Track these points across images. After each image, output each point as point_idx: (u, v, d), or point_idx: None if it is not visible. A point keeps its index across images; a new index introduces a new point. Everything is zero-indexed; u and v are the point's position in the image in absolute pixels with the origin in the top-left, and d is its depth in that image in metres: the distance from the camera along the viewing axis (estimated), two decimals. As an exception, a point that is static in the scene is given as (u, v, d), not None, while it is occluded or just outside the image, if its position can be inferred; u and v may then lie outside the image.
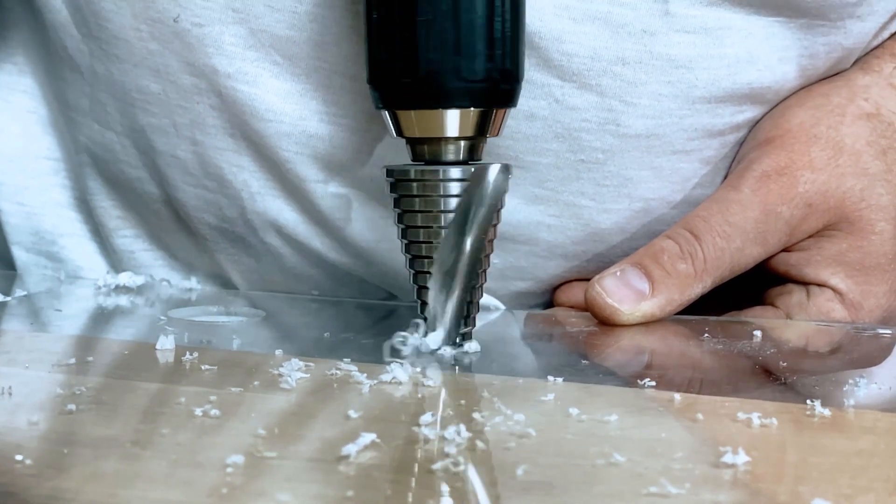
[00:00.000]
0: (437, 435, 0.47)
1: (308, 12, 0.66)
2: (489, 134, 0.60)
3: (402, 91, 0.59)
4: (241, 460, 0.44)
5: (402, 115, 0.60)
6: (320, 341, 0.63)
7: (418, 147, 0.60)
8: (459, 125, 0.59)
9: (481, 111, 0.59)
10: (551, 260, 0.72)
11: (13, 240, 0.82)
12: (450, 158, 0.60)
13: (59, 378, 0.55)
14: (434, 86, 0.58)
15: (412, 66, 0.58)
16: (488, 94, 0.59)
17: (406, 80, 0.58)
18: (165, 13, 0.68)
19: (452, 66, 0.58)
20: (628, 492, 0.42)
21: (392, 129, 0.60)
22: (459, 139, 0.59)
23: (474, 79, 0.58)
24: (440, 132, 0.59)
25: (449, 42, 0.57)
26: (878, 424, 0.50)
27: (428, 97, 0.59)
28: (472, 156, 0.60)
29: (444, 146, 0.59)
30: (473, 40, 0.57)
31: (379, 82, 0.59)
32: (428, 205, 0.59)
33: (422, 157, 0.60)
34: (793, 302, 0.70)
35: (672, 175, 0.71)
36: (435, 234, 0.59)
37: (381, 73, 0.59)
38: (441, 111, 0.59)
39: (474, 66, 0.58)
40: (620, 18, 0.66)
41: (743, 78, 0.68)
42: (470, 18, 0.57)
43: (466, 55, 0.58)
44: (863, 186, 0.70)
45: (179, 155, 0.72)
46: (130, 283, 0.77)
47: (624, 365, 0.62)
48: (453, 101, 0.58)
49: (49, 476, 0.43)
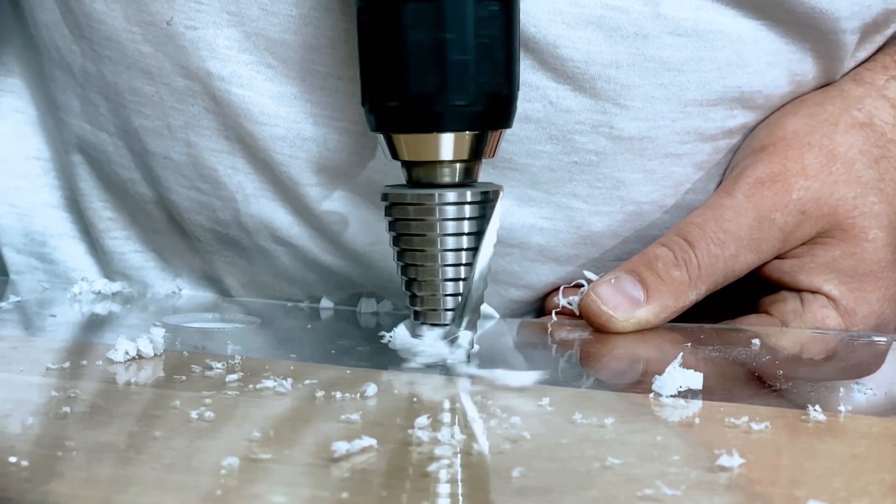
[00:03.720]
0: (431, 438, 0.47)
1: (303, 16, 0.66)
2: (485, 155, 0.60)
3: (396, 115, 0.58)
4: (236, 463, 0.44)
5: (396, 138, 0.59)
6: (315, 346, 0.63)
7: (413, 170, 0.60)
8: (454, 148, 0.58)
9: (475, 134, 0.59)
10: (543, 264, 0.72)
11: (4, 241, 0.82)
12: (445, 181, 0.59)
13: (53, 382, 0.55)
14: (427, 110, 0.57)
15: (404, 91, 0.57)
16: (482, 117, 0.58)
17: (399, 104, 0.58)
18: (158, 16, 0.68)
19: (445, 89, 0.57)
20: (623, 495, 0.42)
21: (387, 152, 0.60)
22: (454, 162, 0.59)
23: (468, 102, 0.57)
24: (434, 156, 0.59)
25: (441, 66, 0.57)
26: (872, 429, 0.50)
27: (421, 121, 0.58)
28: (467, 178, 0.60)
29: (440, 169, 0.59)
30: (466, 63, 0.57)
31: (373, 105, 0.59)
32: (423, 228, 0.59)
33: (417, 180, 0.60)
34: (787, 309, 0.70)
35: (664, 179, 0.71)
36: (430, 257, 0.59)
37: (375, 96, 0.59)
38: (435, 135, 0.58)
39: (467, 89, 0.57)
40: (613, 22, 0.66)
41: (733, 81, 0.69)
42: (462, 42, 0.57)
43: (459, 79, 0.57)
44: (856, 194, 0.70)
45: (173, 157, 0.72)
46: (106, 289, 0.77)
47: (619, 371, 0.62)
48: (447, 124, 0.58)
49: (43, 480, 0.43)
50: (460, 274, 0.59)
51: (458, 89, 0.57)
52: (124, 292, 0.78)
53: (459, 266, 0.59)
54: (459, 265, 0.59)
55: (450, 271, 0.59)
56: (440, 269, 0.59)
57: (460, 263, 0.59)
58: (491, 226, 0.59)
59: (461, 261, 0.59)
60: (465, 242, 0.59)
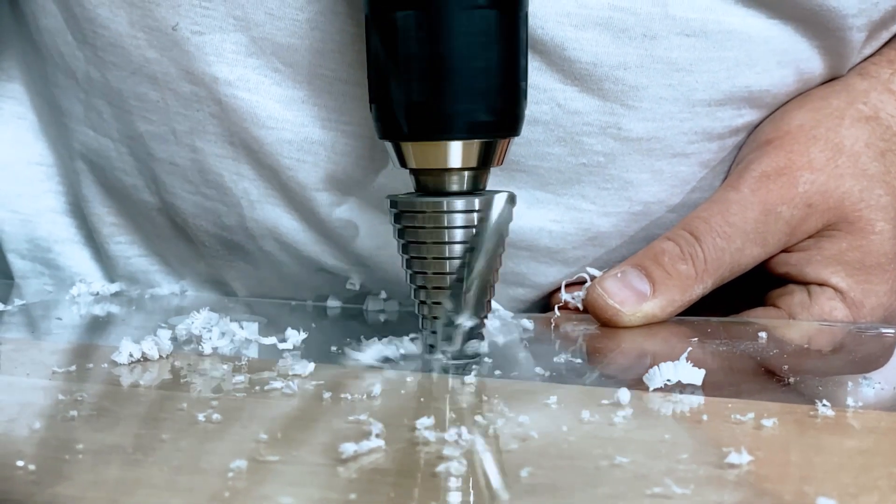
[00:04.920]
0: (439, 438, 0.47)
1: (309, 20, 0.66)
2: (493, 164, 0.59)
3: (402, 123, 0.58)
4: (244, 465, 0.44)
5: (403, 146, 0.59)
6: (321, 347, 0.63)
7: (421, 177, 0.60)
8: (462, 156, 0.58)
9: (483, 142, 0.58)
10: (551, 266, 0.72)
11: (9, 247, 0.82)
12: (453, 189, 0.59)
13: (59, 385, 0.55)
14: (433, 118, 0.57)
15: (410, 99, 0.57)
16: (489, 125, 0.58)
17: (405, 112, 0.57)
18: (164, 21, 0.68)
19: (451, 98, 0.57)
20: (632, 493, 0.42)
21: (395, 160, 0.60)
22: (463, 170, 0.59)
23: (474, 111, 0.57)
24: (443, 164, 0.58)
25: (448, 74, 0.56)
26: (881, 424, 0.50)
27: (428, 129, 0.58)
28: (476, 185, 0.59)
29: (448, 177, 0.59)
30: (472, 72, 0.56)
31: (380, 113, 0.59)
32: (432, 236, 0.59)
33: (425, 188, 0.59)
34: (795, 302, 0.70)
35: (672, 178, 0.71)
36: (439, 265, 0.59)
37: (382, 104, 0.58)
38: (442, 143, 0.58)
39: (474, 98, 0.57)
40: (621, 23, 0.66)
41: (742, 81, 0.69)
42: (468, 50, 0.56)
43: (465, 87, 0.57)
44: (862, 187, 0.70)
45: (178, 162, 0.72)
46: (104, 290, 0.77)
47: (626, 367, 0.62)
48: (453, 133, 0.57)
49: (50, 483, 0.43)
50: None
51: (465, 98, 0.57)
52: (128, 294, 0.78)
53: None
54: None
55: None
56: (448, 276, 0.58)
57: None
58: (498, 219, 0.58)
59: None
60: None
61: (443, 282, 0.58)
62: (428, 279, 0.59)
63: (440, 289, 0.59)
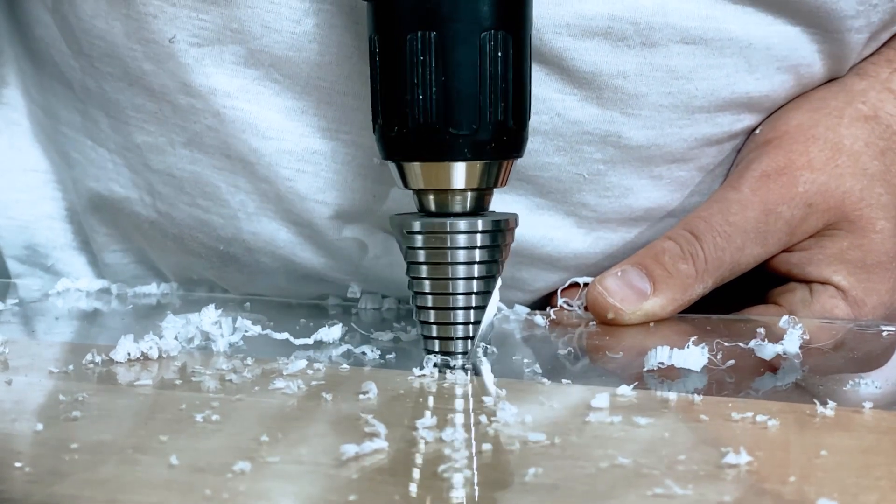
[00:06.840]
0: (441, 438, 0.47)
1: (306, 33, 0.66)
2: (497, 185, 0.59)
3: (405, 143, 0.57)
4: (243, 466, 0.43)
5: (408, 166, 0.58)
6: (321, 346, 0.63)
7: (424, 197, 0.59)
8: (465, 177, 0.58)
9: (486, 163, 0.58)
10: (553, 273, 0.72)
11: (7, 253, 0.82)
12: (456, 209, 0.59)
13: (57, 384, 0.55)
14: (435, 139, 0.57)
15: (413, 120, 0.57)
16: (491, 147, 0.57)
17: (408, 132, 0.57)
18: (160, 34, 0.67)
19: (454, 119, 0.56)
20: (633, 493, 0.42)
21: (399, 181, 0.60)
22: (466, 190, 0.58)
23: (476, 132, 0.57)
24: (446, 184, 0.58)
25: (450, 95, 0.56)
26: (881, 423, 0.50)
27: (430, 150, 0.57)
28: (479, 206, 0.59)
29: (451, 197, 0.59)
30: (474, 93, 0.56)
31: (383, 133, 0.59)
32: (435, 257, 0.58)
33: (428, 208, 0.59)
34: (796, 300, 0.70)
35: (671, 183, 0.71)
36: (442, 285, 0.58)
37: (385, 124, 0.58)
38: (446, 164, 0.57)
39: (475, 119, 0.56)
40: (620, 33, 0.65)
41: (741, 87, 0.68)
42: (470, 71, 0.56)
43: (467, 109, 0.56)
44: (862, 186, 0.70)
45: (175, 174, 0.72)
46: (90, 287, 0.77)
47: (625, 365, 0.62)
48: (455, 154, 0.57)
49: (48, 482, 0.43)
50: (472, 303, 0.58)
51: (466, 119, 0.56)
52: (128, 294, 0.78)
53: (471, 295, 0.58)
54: (471, 294, 0.58)
55: (461, 300, 0.58)
56: (451, 297, 0.58)
57: (472, 292, 0.58)
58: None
59: (472, 289, 0.58)
60: (476, 271, 0.58)
61: (446, 303, 0.58)
62: (430, 300, 0.58)
63: (442, 311, 0.58)
